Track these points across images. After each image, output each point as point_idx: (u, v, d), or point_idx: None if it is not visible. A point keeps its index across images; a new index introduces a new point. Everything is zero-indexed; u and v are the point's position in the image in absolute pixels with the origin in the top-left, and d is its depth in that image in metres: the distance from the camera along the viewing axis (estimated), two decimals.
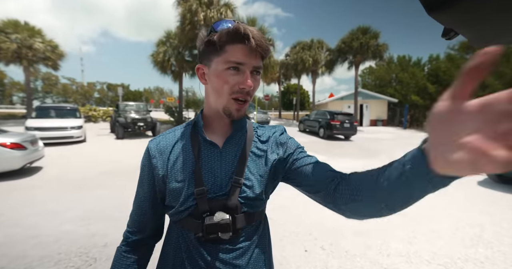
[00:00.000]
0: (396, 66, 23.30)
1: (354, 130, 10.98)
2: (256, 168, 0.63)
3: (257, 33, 0.55)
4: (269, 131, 0.70)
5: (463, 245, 2.37)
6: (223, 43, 0.54)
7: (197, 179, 0.58)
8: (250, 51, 0.54)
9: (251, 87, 0.56)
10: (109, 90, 48.11)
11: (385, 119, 20.41)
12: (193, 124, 0.65)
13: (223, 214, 0.56)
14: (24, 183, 4.15)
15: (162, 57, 13.68)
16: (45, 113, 8.87)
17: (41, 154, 5.01)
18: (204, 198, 0.57)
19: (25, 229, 2.57)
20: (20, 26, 14.17)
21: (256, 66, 0.57)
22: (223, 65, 0.55)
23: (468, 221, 2.91)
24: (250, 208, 0.60)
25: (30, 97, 15.63)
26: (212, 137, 0.63)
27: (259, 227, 0.65)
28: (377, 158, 6.87)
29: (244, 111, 0.60)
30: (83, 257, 2.10)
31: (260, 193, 0.62)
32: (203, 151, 0.61)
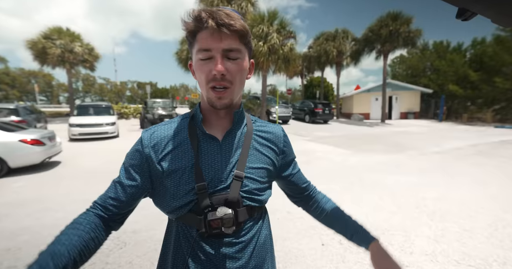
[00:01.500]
0: (431, 53, 21.17)
1: (331, 115, 15.03)
2: (257, 161, 0.62)
3: (224, 12, 0.52)
4: (270, 127, 0.69)
5: (501, 247, 2.15)
6: (192, 33, 0.54)
7: (197, 174, 0.56)
8: (213, 33, 0.51)
9: (221, 71, 0.52)
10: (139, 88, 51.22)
11: (417, 111, 18.87)
12: (191, 116, 0.63)
13: (226, 208, 0.55)
14: (66, 174, 4.67)
15: (186, 54, 14.14)
16: (84, 111, 9.81)
17: (58, 149, 5.30)
18: (205, 193, 0.56)
19: (69, 214, 2.91)
20: (63, 32, 15.63)
21: (226, 49, 0.53)
22: (197, 55, 0.55)
23: (510, 222, 2.62)
24: (252, 202, 0.60)
25: (72, 96, 17.31)
26: (211, 130, 0.61)
27: (260, 219, 0.65)
28: (405, 154, 6.43)
29: (228, 98, 0.56)
30: (115, 241, 2.33)
31: (261, 187, 0.62)
32: (202, 145, 0.59)
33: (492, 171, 4.65)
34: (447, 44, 21.07)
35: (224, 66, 0.53)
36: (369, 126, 13.74)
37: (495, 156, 5.90)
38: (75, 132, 8.52)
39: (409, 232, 2.43)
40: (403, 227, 2.53)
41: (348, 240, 0.72)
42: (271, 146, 0.67)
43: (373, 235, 0.69)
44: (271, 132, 0.68)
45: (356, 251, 2.14)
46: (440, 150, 6.75)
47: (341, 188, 3.80)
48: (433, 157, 5.91)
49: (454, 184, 3.95)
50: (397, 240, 2.29)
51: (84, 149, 7.23)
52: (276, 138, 0.68)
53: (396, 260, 0.62)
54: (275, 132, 0.69)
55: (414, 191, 3.61)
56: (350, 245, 2.22)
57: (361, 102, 19.23)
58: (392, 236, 2.36)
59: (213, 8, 0.53)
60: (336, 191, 3.66)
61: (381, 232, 2.43)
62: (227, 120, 0.63)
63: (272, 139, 0.67)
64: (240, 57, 0.56)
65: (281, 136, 0.70)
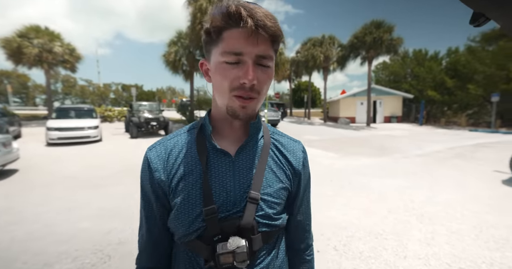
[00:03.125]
0: (411, 61, 22.32)
1: (286, 114, 18.25)
2: (274, 180, 0.54)
3: (261, 11, 0.44)
4: (291, 144, 0.60)
5: (487, 248, 2.23)
6: (218, 29, 0.45)
7: (206, 196, 0.49)
8: (250, 35, 0.43)
9: (253, 80, 0.45)
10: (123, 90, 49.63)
11: (400, 115, 19.69)
12: (199, 128, 0.55)
13: (239, 239, 0.48)
14: (43, 181, 4.35)
15: (173, 57, 13.90)
16: (64, 114, 9.28)
17: (14, 156, 4.74)
18: (214, 218, 0.49)
19: (44, 225, 2.69)
20: (41, 31, 14.85)
21: (260, 55, 0.45)
22: (220, 57, 0.46)
23: (493, 223, 2.73)
24: (267, 227, 0.52)
25: (50, 98, 16.40)
26: (223, 144, 0.53)
27: (276, 244, 0.57)
28: (390, 157, 6.64)
29: (252, 108, 0.49)
30: (98, 254, 2.17)
31: (278, 210, 0.54)
32: (212, 161, 0.51)
33: (471, 173, 4.89)
34: (425, 52, 22.32)
35: (255, 75, 0.46)
36: (355, 130, 14.12)
37: (472, 159, 6.23)
38: (53, 136, 8.02)
39: (401, 236, 2.46)
40: (395, 231, 2.57)
41: None
42: (288, 165, 0.58)
43: None
44: (290, 149, 0.60)
45: (352, 257, 2.13)
46: (422, 153, 7.04)
47: (332, 192, 3.82)
48: (416, 160, 6.14)
49: (438, 186, 4.10)
50: (390, 244, 2.31)
51: (64, 154, 6.81)
52: (295, 157, 0.59)
53: None
54: (295, 148, 0.60)
55: (402, 194, 3.71)
56: (345, 251, 2.21)
57: (347, 106, 19.79)
58: (386, 240, 2.38)
59: (247, 3, 0.45)
60: (328, 195, 3.67)
61: (374, 237, 2.45)
62: (242, 132, 0.55)
63: (290, 158, 0.58)
64: (271, 65, 0.48)
65: (301, 156, 0.60)
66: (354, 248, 2.26)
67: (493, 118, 14.11)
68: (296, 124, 17.81)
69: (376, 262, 2.05)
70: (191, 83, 15.25)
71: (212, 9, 0.47)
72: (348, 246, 2.28)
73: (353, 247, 2.28)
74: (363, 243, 2.35)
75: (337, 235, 2.48)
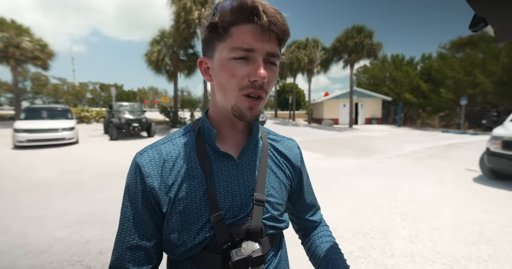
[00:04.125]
0: (390, 65, 23.53)
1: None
2: (275, 181, 0.55)
3: (272, 7, 0.43)
4: (285, 141, 0.62)
5: (465, 243, 2.36)
6: (227, 24, 0.43)
7: (212, 203, 0.46)
8: (262, 31, 0.42)
9: (265, 78, 0.43)
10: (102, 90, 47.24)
11: (380, 117, 20.63)
12: (198, 130, 0.52)
13: (252, 243, 0.46)
14: (10, 188, 3.98)
15: (156, 56, 13.47)
16: (34, 115, 8.61)
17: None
18: (222, 225, 0.46)
19: (13, 237, 2.44)
20: (6, 24, 13.70)
21: (270, 52, 0.44)
22: (228, 53, 0.44)
23: (467, 219, 2.91)
24: (274, 229, 0.52)
25: (18, 98, 15.18)
26: (224, 146, 0.51)
27: (281, 244, 0.58)
28: (373, 157, 6.90)
29: (258, 110, 0.47)
30: (76, 266, 2.00)
31: (282, 210, 0.55)
32: (214, 165, 0.49)
33: (446, 172, 5.21)
34: (402, 57, 23.63)
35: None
36: (338, 131, 14.55)
37: (446, 158, 6.65)
38: (21, 139, 7.41)
39: (387, 234, 2.54)
40: (381, 230, 2.64)
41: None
42: (287, 164, 0.59)
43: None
44: (287, 147, 0.60)
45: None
46: (401, 153, 7.40)
47: (319, 192, 3.87)
48: (397, 160, 6.43)
49: (418, 185, 4.31)
50: (378, 243, 2.38)
51: (35, 158, 6.30)
52: (293, 154, 0.61)
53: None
54: (291, 147, 0.62)
55: (386, 193, 3.85)
56: None
57: (330, 108, 20.37)
58: (373, 239, 2.44)
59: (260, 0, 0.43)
60: (316, 197, 3.72)
61: (362, 236, 2.51)
62: (244, 133, 0.54)
63: (289, 155, 0.60)
64: (277, 64, 0.47)
65: (298, 152, 0.62)
66: (343, 248, 2.28)
67: (462, 120, 15.23)
68: (281, 125, 17.99)
69: (366, 261, 2.10)
70: (175, 83, 14.87)
71: (220, 3, 0.45)
72: None
73: (342, 247, 2.30)
74: (351, 243, 2.39)
75: None
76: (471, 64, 16.21)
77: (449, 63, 17.70)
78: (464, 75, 16.44)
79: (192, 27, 12.36)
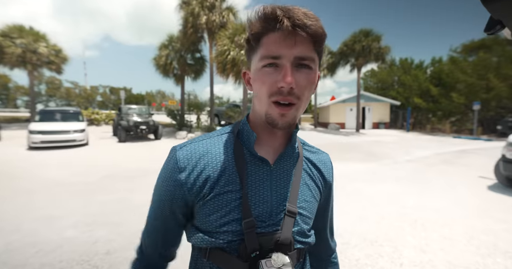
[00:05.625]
0: (398, 69, 23.21)
1: None
2: (309, 194, 0.53)
3: (300, 10, 0.42)
4: (321, 155, 0.61)
5: (479, 254, 2.27)
6: (258, 36, 0.44)
7: (245, 207, 0.46)
8: (286, 37, 0.42)
9: (291, 84, 0.42)
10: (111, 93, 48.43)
11: (388, 122, 20.27)
12: (237, 133, 0.52)
13: (283, 256, 0.44)
14: (24, 187, 4.10)
15: (164, 60, 13.75)
16: (48, 117, 8.91)
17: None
18: (252, 232, 0.45)
19: (25, 236, 2.51)
20: (25, 31, 14.32)
21: (299, 56, 0.43)
22: (259, 63, 0.45)
23: (482, 228, 2.81)
24: (302, 244, 0.51)
25: (33, 100, 15.72)
26: (261, 151, 0.51)
27: (305, 261, 0.56)
28: (380, 162, 6.77)
29: (292, 116, 0.46)
30: (84, 266, 2.03)
31: (311, 226, 0.54)
32: (249, 169, 0.49)
33: (458, 179, 5.05)
34: (411, 61, 23.28)
35: (294, 78, 0.43)
36: (345, 135, 14.38)
37: (458, 165, 6.46)
38: (36, 140, 7.66)
39: (396, 243, 2.47)
40: (390, 238, 2.58)
41: None
42: (320, 177, 0.58)
43: None
44: (321, 160, 0.59)
45: (349, 265, 2.11)
46: (411, 159, 7.23)
47: None
48: (405, 166, 6.29)
49: (428, 192, 4.19)
50: (386, 251, 2.31)
51: (48, 158, 6.49)
52: (326, 168, 0.59)
53: None
54: (325, 160, 0.60)
55: (394, 200, 3.76)
56: (342, 259, 2.19)
57: (337, 112, 20.17)
58: (381, 247, 2.38)
59: (286, 5, 0.43)
60: None
61: (369, 244, 2.45)
62: (282, 141, 0.53)
63: (322, 169, 0.58)
64: (313, 67, 0.46)
65: (330, 167, 0.61)
66: (350, 256, 2.24)
67: (475, 126, 14.78)
68: None
69: None
70: (182, 87, 15.10)
71: (249, 15, 0.46)
72: (344, 254, 2.27)
73: (349, 254, 2.26)
74: (358, 250, 2.34)
75: None
76: (484, 68, 15.79)
77: (461, 67, 17.30)
78: (477, 79, 16.02)
79: (200, 31, 12.59)
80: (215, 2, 12.48)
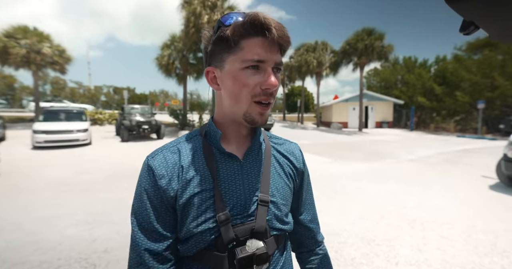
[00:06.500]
0: (401, 68, 22.97)
1: None
2: (280, 182, 0.56)
3: (277, 22, 0.46)
4: (288, 144, 0.64)
5: (476, 254, 2.25)
6: (238, 38, 0.46)
7: (218, 202, 0.48)
8: (271, 44, 0.46)
9: (276, 86, 0.47)
10: (115, 93, 48.87)
11: (391, 121, 20.11)
12: (204, 134, 0.55)
13: (257, 241, 0.48)
14: (27, 186, 4.17)
15: (166, 60, 13.83)
16: (52, 117, 9.02)
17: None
18: (228, 224, 0.48)
19: (26, 234, 2.56)
20: (29, 32, 14.52)
21: (277, 62, 0.48)
22: (240, 64, 0.47)
23: (481, 228, 2.78)
24: (278, 231, 0.54)
25: (38, 100, 15.94)
26: (229, 148, 0.54)
27: (286, 246, 0.59)
28: (383, 162, 6.73)
29: (267, 115, 0.51)
30: (82, 263, 2.07)
31: (286, 211, 0.56)
32: (220, 166, 0.52)
33: (460, 178, 5.00)
34: (415, 60, 23.03)
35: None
36: (347, 135, 14.30)
37: (461, 164, 6.39)
38: (39, 139, 7.77)
39: (393, 242, 2.46)
40: (387, 237, 2.57)
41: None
42: (290, 165, 0.61)
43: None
44: (289, 150, 0.63)
45: (344, 263, 2.11)
46: (413, 158, 7.17)
47: (326, 197, 3.82)
48: (408, 165, 6.24)
49: (429, 191, 4.16)
50: (382, 250, 2.31)
51: (51, 157, 6.59)
52: (295, 157, 0.62)
53: None
54: (293, 150, 0.64)
55: (394, 199, 3.74)
56: (337, 258, 2.19)
57: (339, 112, 20.08)
58: (378, 246, 2.38)
59: (265, 14, 0.46)
60: (322, 201, 3.67)
61: (366, 243, 2.44)
62: (248, 136, 0.57)
63: (291, 158, 0.61)
64: (281, 70, 0.51)
65: (300, 155, 0.64)
66: (346, 255, 2.24)
67: (479, 125, 14.59)
68: (289, 128, 17.91)
69: (368, 268, 2.04)
70: (184, 86, 15.17)
71: (224, 17, 0.48)
72: (340, 253, 2.27)
73: (344, 253, 2.26)
74: (354, 249, 2.33)
75: (328, 241, 2.46)
76: (489, 66, 15.55)
77: (466, 65, 17.06)
78: (481, 78, 15.78)
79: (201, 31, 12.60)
80: (217, 2, 12.50)
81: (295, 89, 34.16)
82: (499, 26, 0.44)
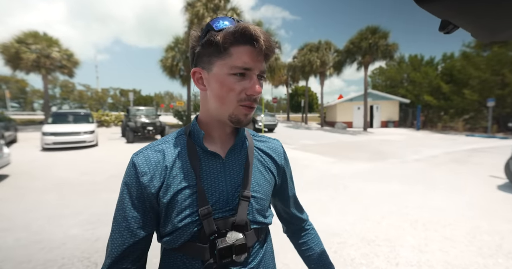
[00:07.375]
0: (407, 66, 22.59)
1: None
2: (261, 179, 0.59)
3: (264, 33, 0.49)
4: (270, 142, 0.67)
5: (480, 255, 2.20)
6: (228, 45, 0.48)
7: (201, 197, 0.51)
8: (258, 54, 0.49)
9: (260, 93, 0.51)
10: (121, 95, 49.70)
11: (397, 120, 19.80)
12: (188, 133, 0.57)
13: (236, 233, 0.51)
14: (36, 187, 4.29)
15: (170, 62, 14.01)
16: (60, 119, 9.26)
17: (5, 161, 4.58)
18: (210, 218, 0.51)
19: (33, 233, 2.63)
20: (39, 37, 14.96)
21: (262, 70, 0.52)
22: (227, 70, 0.49)
23: (486, 229, 2.71)
24: (259, 224, 0.57)
25: (48, 103, 16.37)
26: (212, 147, 0.57)
27: (265, 240, 0.62)
28: (387, 161, 6.63)
29: (251, 115, 0.55)
30: (85, 262, 2.12)
31: (266, 206, 0.59)
32: (203, 164, 0.54)
33: (467, 178, 4.88)
34: (421, 58, 22.62)
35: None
36: (352, 134, 14.16)
37: (468, 164, 6.24)
38: (48, 141, 7.98)
39: (394, 242, 2.43)
40: (388, 237, 2.54)
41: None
42: (272, 163, 0.64)
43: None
44: (271, 147, 0.65)
45: (343, 264, 2.10)
46: (419, 158, 7.04)
47: (327, 197, 3.80)
48: (413, 165, 6.14)
49: (434, 191, 4.08)
50: (383, 251, 2.28)
51: (59, 159, 6.76)
52: (277, 154, 0.65)
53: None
54: (275, 147, 0.66)
55: (397, 199, 3.69)
56: (336, 258, 2.18)
57: (344, 111, 19.89)
58: (378, 247, 2.35)
59: (249, 23, 0.50)
60: (323, 200, 3.65)
61: (367, 243, 2.42)
62: (231, 135, 0.60)
63: (273, 155, 0.64)
64: (264, 77, 0.56)
65: (281, 151, 0.67)
66: (346, 255, 2.22)
67: (490, 123, 14.21)
68: (293, 128, 17.83)
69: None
70: (188, 88, 15.32)
71: (213, 21, 0.50)
72: (339, 253, 2.25)
73: (344, 253, 2.25)
74: (354, 249, 2.31)
75: (328, 242, 2.45)
76: (499, 63, 15.13)
77: (474, 63, 16.63)
78: (491, 75, 15.37)
79: None
80: (220, 4, 12.60)
81: (299, 89, 34.02)
82: (476, 24, 0.43)
